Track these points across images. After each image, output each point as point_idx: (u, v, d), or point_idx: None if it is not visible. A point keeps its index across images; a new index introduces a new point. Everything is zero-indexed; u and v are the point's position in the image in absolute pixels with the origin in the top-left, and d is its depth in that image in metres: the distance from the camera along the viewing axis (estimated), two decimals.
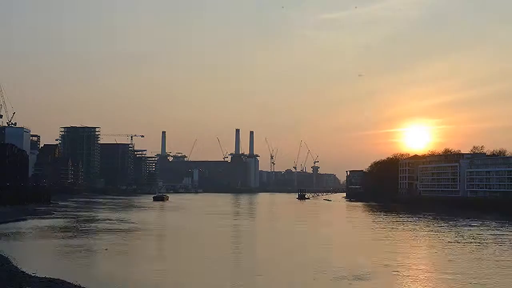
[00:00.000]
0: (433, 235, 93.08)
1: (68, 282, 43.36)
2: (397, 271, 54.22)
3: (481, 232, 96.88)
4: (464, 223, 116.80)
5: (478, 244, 79.21)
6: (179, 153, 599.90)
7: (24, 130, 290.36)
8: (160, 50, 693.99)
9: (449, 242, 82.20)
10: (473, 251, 71.61)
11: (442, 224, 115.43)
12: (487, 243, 79.92)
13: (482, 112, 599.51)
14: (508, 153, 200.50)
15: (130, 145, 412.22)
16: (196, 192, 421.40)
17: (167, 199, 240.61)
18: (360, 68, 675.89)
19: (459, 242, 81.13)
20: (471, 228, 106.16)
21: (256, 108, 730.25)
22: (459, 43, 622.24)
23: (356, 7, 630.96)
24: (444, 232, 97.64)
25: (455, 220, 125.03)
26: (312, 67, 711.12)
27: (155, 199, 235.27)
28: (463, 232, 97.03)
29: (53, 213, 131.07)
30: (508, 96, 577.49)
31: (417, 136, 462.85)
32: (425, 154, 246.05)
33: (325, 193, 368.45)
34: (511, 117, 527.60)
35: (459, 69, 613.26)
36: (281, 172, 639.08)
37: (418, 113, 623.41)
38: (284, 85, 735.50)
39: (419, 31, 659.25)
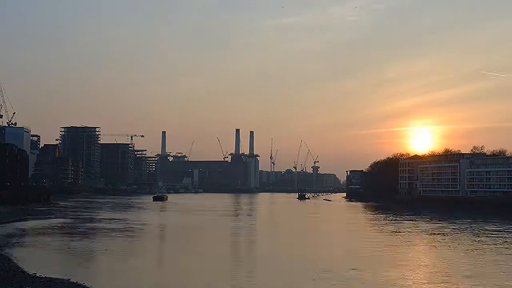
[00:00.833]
0: (434, 236, 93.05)
1: (68, 282, 43.36)
2: (400, 273, 54.28)
3: (482, 232, 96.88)
4: (465, 223, 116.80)
5: (479, 244, 79.19)
6: (179, 153, 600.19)
7: (24, 130, 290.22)
8: (160, 49, 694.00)
9: (450, 242, 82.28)
10: (474, 251, 71.63)
11: (443, 224, 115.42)
12: (487, 243, 79.91)
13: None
14: (508, 153, 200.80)
15: (130, 145, 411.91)
16: (196, 192, 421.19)
17: (166, 199, 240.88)
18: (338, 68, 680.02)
19: (460, 242, 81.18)
20: (472, 228, 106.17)
21: (256, 108, 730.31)
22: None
23: (356, 7, 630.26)
24: (444, 232, 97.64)
25: (456, 220, 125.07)
26: (292, 69, 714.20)
27: (155, 199, 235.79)
28: (464, 232, 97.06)
29: (53, 213, 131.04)
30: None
31: (418, 136, 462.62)
32: (425, 154, 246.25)
33: (325, 193, 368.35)
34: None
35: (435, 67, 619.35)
36: (281, 172, 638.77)
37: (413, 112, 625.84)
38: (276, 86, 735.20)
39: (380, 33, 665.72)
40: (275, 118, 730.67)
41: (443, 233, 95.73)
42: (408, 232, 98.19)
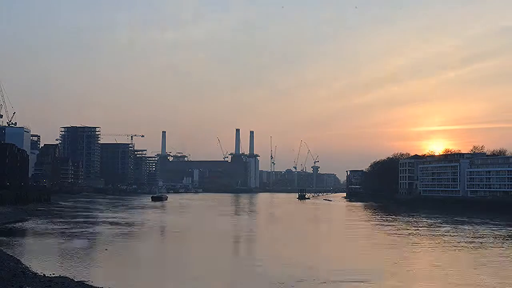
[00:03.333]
0: (435, 236, 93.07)
1: (68, 282, 43.27)
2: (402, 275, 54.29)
3: (482, 232, 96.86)
4: (465, 223, 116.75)
5: (480, 244, 79.18)
6: (179, 153, 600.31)
7: (24, 130, 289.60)
8: (163, 49, 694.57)
9: (451, 242, 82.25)
10: (475, 251, 71.65)
11: (444, 225, 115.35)
12: (488, 243, 79.91)
13: None
14: (508, 153, 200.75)
15: (130, 145, 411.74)
16: (196, 192, 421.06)
17: (166, 199, 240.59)
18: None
19: (460, 242, 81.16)
20: (472, 228, 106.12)
21: (256, 108, 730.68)
22: None
23: (356, 7, 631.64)
24: (445, 232, 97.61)
25: (456, 220, 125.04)
26: None
27: (154, 199, 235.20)
28: (464, 233, 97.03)
29: (53, 213, 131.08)
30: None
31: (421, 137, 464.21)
32: (425, 154, 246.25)
33: (325, 193, 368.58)
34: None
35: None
36: (281, 172, 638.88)
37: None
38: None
39: None
40: (276, 118, 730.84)
41: (444, 233, 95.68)
42: (409, 232, 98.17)
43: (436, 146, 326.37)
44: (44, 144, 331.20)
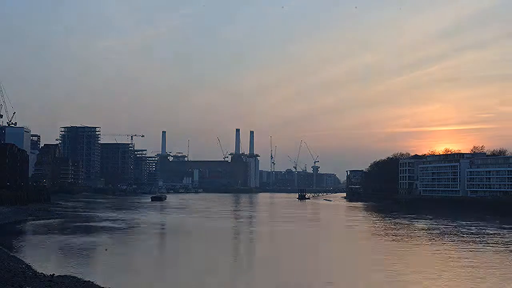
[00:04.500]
0: (435, 236, 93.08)
1: (68, 281, 43.30)
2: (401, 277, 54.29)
3: (482, 232, 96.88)
4: (465, 223, 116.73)
5: (480, 244, 79.18)
6: (179, 153, 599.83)
7: (24, 130, 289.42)
8: (162, 49, 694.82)
9: (451, 242, 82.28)
10: (475, 251, 71.65)
11: (444, 225, 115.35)
12: (488, 243, 79.91)
13: None
14: (508, 153, 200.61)
15: (130, 145, 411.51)
16: (196, 192, 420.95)
17: (165, 199, 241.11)
18: None
19: (460, 243, 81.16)
20: (472, 228, 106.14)
21: (257, 108, 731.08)
22: None
23: (356, 7, 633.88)
24: (446, 233, 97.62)
25: (456, 220, 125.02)
26: None
27: (153, 199, 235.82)
28: (465, 232, 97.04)
29: (54, 213, 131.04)
30: None
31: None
32: (425, 154, 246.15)
33: (325, 193, 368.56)
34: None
35: None
36: (281, 172, 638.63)
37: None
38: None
39: None
40: (276, 118, 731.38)
41: (444, 234, 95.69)
42: (409, 233, 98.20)
43: (436, 147, 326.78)
44: (44, 144, 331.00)
